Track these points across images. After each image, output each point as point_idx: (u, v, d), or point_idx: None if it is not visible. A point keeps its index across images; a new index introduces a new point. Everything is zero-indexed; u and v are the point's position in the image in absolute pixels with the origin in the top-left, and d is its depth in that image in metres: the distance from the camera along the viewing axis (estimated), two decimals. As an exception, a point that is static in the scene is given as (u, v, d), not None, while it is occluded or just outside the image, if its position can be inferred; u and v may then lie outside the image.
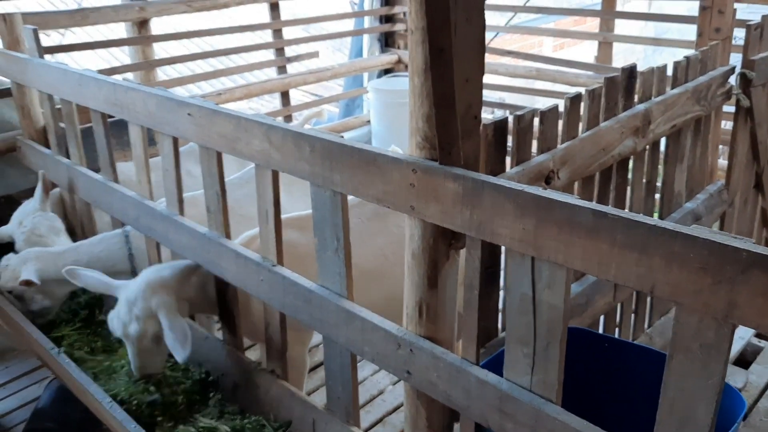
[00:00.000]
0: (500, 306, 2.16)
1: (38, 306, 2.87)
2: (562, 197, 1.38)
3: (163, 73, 5.11)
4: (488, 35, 6.19)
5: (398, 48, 6.51)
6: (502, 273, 1.95)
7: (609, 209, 1.32)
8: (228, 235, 2.36)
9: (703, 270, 1.20)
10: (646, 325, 2.99)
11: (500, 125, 1.91)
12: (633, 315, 2.90)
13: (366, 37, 6.50)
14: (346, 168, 1.78)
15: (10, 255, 2.90)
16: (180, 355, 2.13)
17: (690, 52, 2.93)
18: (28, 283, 2.73)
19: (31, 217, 3.14)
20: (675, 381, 1.31)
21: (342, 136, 1.87)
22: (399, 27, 6.43)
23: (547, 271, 1.45)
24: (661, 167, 2.93)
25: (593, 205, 1.35)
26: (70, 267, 2.44)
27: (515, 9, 6.18)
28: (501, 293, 2.04)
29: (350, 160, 1.76)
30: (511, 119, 2.02)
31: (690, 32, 4.47)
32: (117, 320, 2.25)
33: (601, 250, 1.32)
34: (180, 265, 2.43)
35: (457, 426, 1.87)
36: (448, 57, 1.49)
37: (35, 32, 3.25)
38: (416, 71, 1.57)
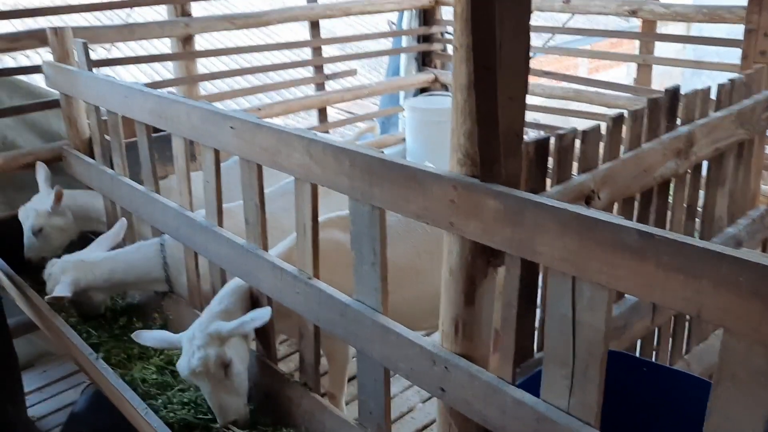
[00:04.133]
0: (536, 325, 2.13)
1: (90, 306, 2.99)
2: (607, 217, 1.37)
3: (202, 89, 5.23)
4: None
5: (435, 67, 6.54)
6: (539, 292, 1.93)
7: (655, 230, 1.30)
8: (266, 247, 2.39)
9: (754, 294, 1.17)
10: (683, 351, 2.92)
11: (541, 144, 1.91)
12: (670, 340, 2.83)
13: (403, 57, 6.55)
14: (386, 183, 1.78)
15: (54, 260, 2.98)
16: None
17: (732, 75, 2.89)
18: (58, 299, 2.80)
19: (36, 217, 3.34)
20: (720, 408, 1.28)
21: (382, 152, 1.88)
22: (436, 47, 6.47)
23: (589, 292, 1.43)
24: (702, 191, 2.88)
25: (639, 225, 1.33)
26: (137, 332, 2.45)
27: (554, 30, 6.17)
28: (537, 312, 2.02)
29: (390, 175, 1.77)
30: (552, 138, 2.02)
31: (729, 55, 4.39)
32: (182, 360, 2.26)
33: (647, 271, 1.30)
34: (227, 292, 2.46)
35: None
36: (492, 75, 1.49)
37: (85, 46, 3.35)
38: (459, 88, 1.58)
